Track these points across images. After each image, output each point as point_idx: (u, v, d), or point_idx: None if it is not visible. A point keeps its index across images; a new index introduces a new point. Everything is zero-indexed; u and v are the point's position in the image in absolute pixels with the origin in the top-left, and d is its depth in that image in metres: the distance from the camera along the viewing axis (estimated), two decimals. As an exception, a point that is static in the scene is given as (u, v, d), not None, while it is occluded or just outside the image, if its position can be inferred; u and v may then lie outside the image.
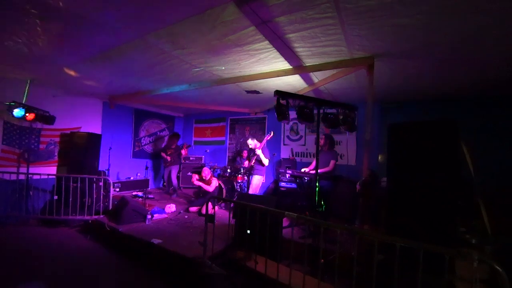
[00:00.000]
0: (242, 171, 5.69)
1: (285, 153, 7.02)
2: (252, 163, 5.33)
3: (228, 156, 8.14)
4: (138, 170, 7.70)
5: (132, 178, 7.36)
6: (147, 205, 5.37)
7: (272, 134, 5.25)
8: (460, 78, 4.11)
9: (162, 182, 8.13)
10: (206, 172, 5.72)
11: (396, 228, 2.65)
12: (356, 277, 2.09)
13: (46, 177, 5.18)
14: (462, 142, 2.63)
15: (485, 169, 3.49)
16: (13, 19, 2.86)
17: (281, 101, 3.26)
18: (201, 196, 5.83)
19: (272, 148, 6.65)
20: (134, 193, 6.60)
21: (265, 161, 5.23)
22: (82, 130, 6.16)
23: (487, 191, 3.09)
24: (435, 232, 2.43)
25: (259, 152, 5.15)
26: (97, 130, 6.56)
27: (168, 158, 6.94)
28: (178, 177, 7.94)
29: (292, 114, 3.48)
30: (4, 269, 3.27)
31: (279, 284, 2.52)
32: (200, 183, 5.56)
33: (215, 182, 5.62)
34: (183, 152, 7.20)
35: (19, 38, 3.30)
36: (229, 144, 8.20)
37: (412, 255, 1.82)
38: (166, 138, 8.48)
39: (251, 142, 5.50)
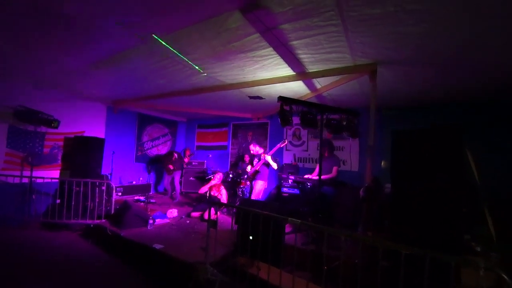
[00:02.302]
0: (245, 176, 5.68)
1: (287, 159, 7.01)
2: (257, 168, 5.32)
3: (231, 162, 8.15)
4: (140, 174, 7.72)
5: (134, 182, 7.37)
6: (149, 210, 5.36)
7: (286, 142, 5.24)
8: (463, 85, 4.12)
9: (163, 187, 8.11)
10: (218, 177, 5.75)
11: (400, 235, 2.63)
12: (360, 285, 2.07)
13: (49, 180, 5.20)
14: (466, 149, 2.62)
15: (490, 175, 3.47)
16: (18, 24, 2.91)
17: (285, 107, 3.29)
18: (203, 201, 5.82)
19: (275, 153, 6.64)
20: (136, 198, 6.61)
21: (274, 165, 5.22)
22: (85, 134, 6.21)
23: (492, 198, 3.07)
24: (439, 239, 2.41)
25: (268, 158, 5.13)
26: (101, 135, 6.61)
27: (171, 167, 7.00)
28: (180, 182, 7.94)
29: (295, 120, 3.51)
30: (6, 272, 3.26)
31: (282, 291, 2.49)
32: (216, 194, 5.59)
33: (224, 191, 5.64)
34: (185, 160, 7.27)
35: (24, 43, 3.36)
36: (231, 149, 8.21)
37: (416, 262, 1.80)
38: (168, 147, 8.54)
39: (253, 148, 5.50)
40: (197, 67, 3.69)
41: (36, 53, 3.66)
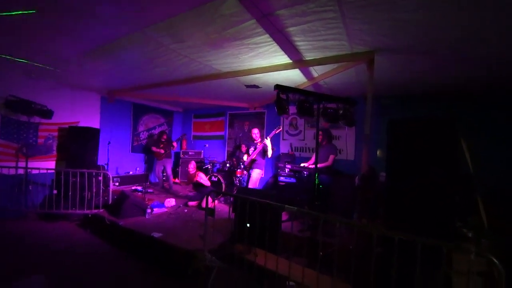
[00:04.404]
0: (242, 165, 5.70)
1: (284, 148, 7.03)
2: (253, 157, 5.33)
3: (228, 151, 8.15)
4: (137, 164, 7.71)
5: (131, 172, 7.36)
6: (146, 199, 5.39)
7: (280, 129, 5.25)
8: (461, 75, 4.11)
9: (154, 176, 7.82)
10: (192, 166, 5.80)
11: (395, 222, 2.67)
12: (354, 270, 2.12)
13: (45, 171, 5.17)
14: (461, 139, 2.64)
15: (484, 166, 3.51)
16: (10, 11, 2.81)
17: (281, 95, 3.26)
18: (200, 190, 5.86)
19: (272, 143, 6.65)
20: (133, 188, 6.62)
21: (270, 152, 5.20)
22: (80, 124, 6.13)
23: (486, 188, 3.12)
24: (432, 226, 2.46)
25: (268, 142, 5.10)
26: (96, 125, 6.53)
27: (162, 151, 6.81)
28: (177, 171, 7.94)
29: (292, 109, 3.49)
30: (4, 263, 3.29)
31: (279, 276, 2.55)
32: (199, 179, 5.66)
33: (201, 173, 5.72)
34: (183, 142, 7.12)
35: (16, 30, 3.25)
36: (228, 138, 8.20)
37: (409, 248, 1.84)
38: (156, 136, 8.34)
39: (255, 132, 5.49)
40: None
41: (27, 39, 3.54)
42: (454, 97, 5.02)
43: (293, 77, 4.77)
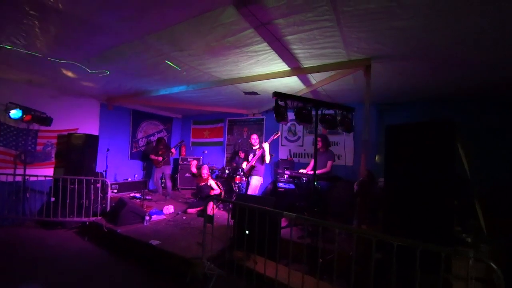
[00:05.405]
0: (241, 172, 5.69)
1: (283, 154, 7.04)
2: (252, 163, 5.32)
3: (226, 157, 8.15)
4: (135, 171, 7.68)
5: (129, 179, 7.33)
6: (145, 206, 5.36)
7: (278, 134, 5.27)
8: (457, 80, 4.17)
9: (152, 183, 7.73)
10: (206, 172, 5.75)
11: (394, 227, 2.68)
12: (354, 276, 2.11)
13: (43, 178, 5.14)
14: (458, 143, 2.66)
15: (481, 169, 3.54)
16: (11, 20, 2.85)
17: (280, 102, 3.29)
18: (199, 197, 5.84)
19: (270, 149, 6.66)
20: (132, 195, 6.59)
21: (268, 158, 5.19)
22: (79, 131, 6.13)
23: (483, 192, 3.13)
24: (431, 231, 2.46)
25: (266, 146, 5.09)
26: (95, 132, 6.53)
27: (160, 158, 6.79)
28: (175, 178, 7.91)
29: (290, 115, 3.51)
30: (1, 271, 3.24)
31: (278, 284, 2.54)
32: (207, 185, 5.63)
33: (212, 181, 5.67)
34: (183, 149, 7.09)
35: (17, 39, 3.29)
36: (227, 145, 8.21)
37: (409, 254, 1.85)
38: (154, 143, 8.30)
39: (254, 138, 5.50)
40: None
41: (29, 49, 3.57)
42: (450, 101, 5.08)
43: (292, 84, 4.82)
